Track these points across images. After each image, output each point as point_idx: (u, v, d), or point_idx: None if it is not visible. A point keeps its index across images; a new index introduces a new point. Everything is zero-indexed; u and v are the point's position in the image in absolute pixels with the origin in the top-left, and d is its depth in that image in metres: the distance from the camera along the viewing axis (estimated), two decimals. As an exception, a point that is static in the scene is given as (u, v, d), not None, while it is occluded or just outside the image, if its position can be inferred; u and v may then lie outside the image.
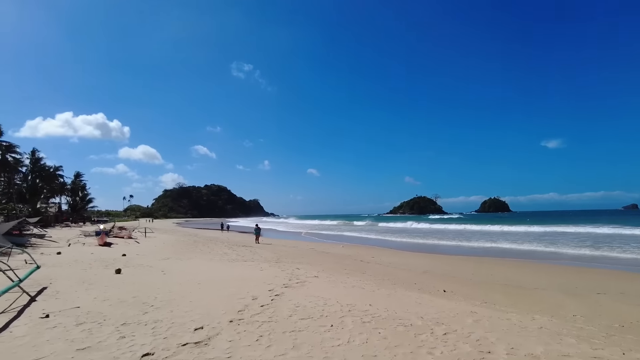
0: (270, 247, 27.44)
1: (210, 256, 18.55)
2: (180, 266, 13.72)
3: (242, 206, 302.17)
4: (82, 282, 9.54)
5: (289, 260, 18.40)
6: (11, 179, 70.80)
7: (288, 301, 7.64)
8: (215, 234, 44.43)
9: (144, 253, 18.60)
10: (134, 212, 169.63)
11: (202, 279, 10.36)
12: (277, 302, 7.58)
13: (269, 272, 12.74)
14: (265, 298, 7.89)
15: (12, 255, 14.01)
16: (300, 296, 8.18)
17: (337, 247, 29.85)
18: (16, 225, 24.84)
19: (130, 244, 24.84)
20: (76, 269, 12.27)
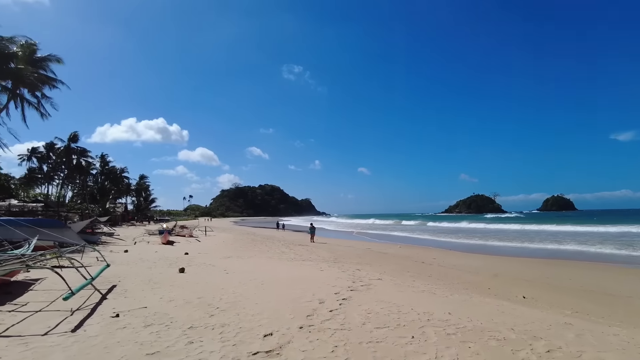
0: (326, 246, 27.07)
1: (269, 255, 18.46)
2: (241, 265, 13.64)
3: (294, 205, 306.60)
4: (148, 281, 9.60)
5: (347, 260, 17.87)
6: (85, 181, 76.47)
7: (358, 306, 7.09)
8: (271, 233, 44.94)
9: (205, 251, 18.89)
10: (194, 211, 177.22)
11: (264, 279, 10.09)
12: (346, 307, 7.06)
13: (329, 272, 12.28)
14: (332, 302, 7.40)
15: (85, 252, 14.66)
16: (370, 301, 7.60)
17: (393, 247, 28.88)
18: (89, 224, 26.40)
19: (191, 242, 25.53)
20: (142, 267, 12.52)
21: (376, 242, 34.65)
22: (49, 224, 12.92)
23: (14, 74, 24.48)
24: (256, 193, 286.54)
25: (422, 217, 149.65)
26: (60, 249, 9.64)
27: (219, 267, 12.63)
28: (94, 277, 7.87)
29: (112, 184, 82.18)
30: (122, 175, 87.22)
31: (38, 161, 70.76)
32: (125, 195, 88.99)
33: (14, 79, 27.08)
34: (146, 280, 9.71)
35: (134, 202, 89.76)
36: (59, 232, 12.77)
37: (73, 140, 69.04)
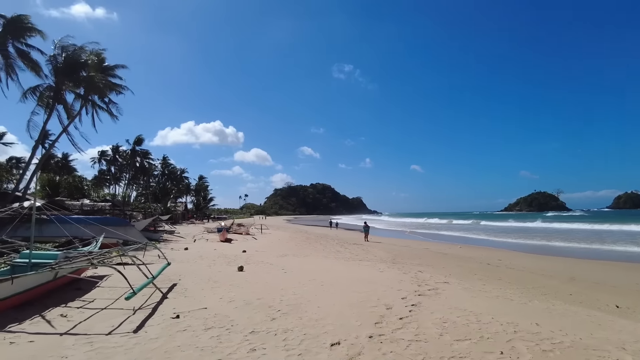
0: (381, 245, 26.27)
1: (325, 254, 18.09)
2: (298, 264, 13.35)
3: (345, 204, 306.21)
4: (208, 280, 9.51)
5: (406, 261, 17.08)
6: (148, 182, 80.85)
7: (430, 314, 6.43)
8: (324, 231, 44.74)
9: (262, 249, 18.91)
10: (249, 210, 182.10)
11: (323, 279, 9.66)
12: (417, 314, 6.42)
13: (390, 274, 11.64)
14: (401, 308, 6.79)
15: (147, 249, 15.11)
16: (443, 308, 6.90)
17: (453, 247, 27.44)
18: (151, 222, 27.53)
19: (248, 240, 25.83)
20: (201, 265, 12.59)
21: (432, 241, 33.23)
22: (114, 222, 13.44)
23: (86, 81, 26.08)
24: (308, 192, 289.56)
25: (478, 215, 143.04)
26: (124, 247, 9.81)
27: (277, 266, 12.41)
28: (155, 275, 7.85)
29: (173, 184, 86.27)
30: (183, 175, 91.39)
31: (107, 163, 76.00)
32: (185, 195, 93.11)
33: (86, 86, 28.89)
34: (206, 279, 9.64)
35: (194, 201, 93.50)
36: (123, 230, 13.20)
37: (138, 144, 73.36)
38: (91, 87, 29.26)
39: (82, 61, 25.75)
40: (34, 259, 7.43)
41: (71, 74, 25.05)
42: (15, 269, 7.21)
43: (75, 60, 25.58)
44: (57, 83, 25.01)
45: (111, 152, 74.92)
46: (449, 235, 40.84)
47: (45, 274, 6.62)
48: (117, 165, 75.28)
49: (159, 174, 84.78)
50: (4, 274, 6.94)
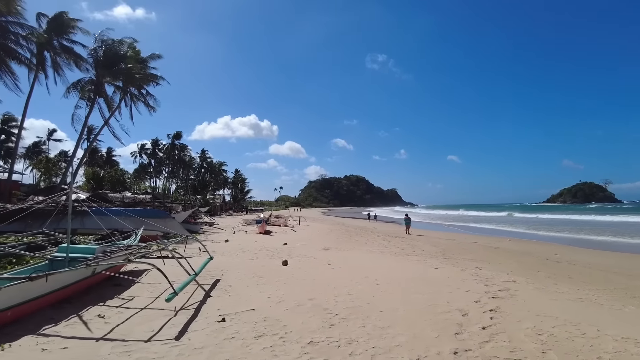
0: (424, 239, 25.02)
1: (368, 247, 17.18)
2: (344, 258, 12.52)
3: (380, 196, 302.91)
4: (252, 275, 8.85)
5: (457, 256, 15.90)
6: (187, 175, 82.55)
7: (517, 322, 5.42)
8: (362, 224, 43.73)
9: (303, 242, 18.24)
10: (284, 202, 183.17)
11: (377, 277, 8.76)
12: (501, 322, 5.42)
13: (447, 271, 10.62)
14: (478, 314, 5.81)
15: (188, 242, 14.77)
16: (528, 314, 5.86)
17: (502, 241, 25.68)
18: (191, 214, 27.54)
19: (287, 232, 25.30)
20: (244, 258, 12.01)
21: (477, 234, 31.45)
22: (154, 214, 13.09)
23: (125, 73, 26.29)
24: (342, 184, 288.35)
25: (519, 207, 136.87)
26: (164, 241, 9.32)
27: (322, 260, 11.62)
28: (198, 272, 7.23)
29: (211, 176, 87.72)
30: (221, 169, 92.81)
31: (147, 157, 78.11)
32: (223, 187, 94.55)
33: (125, 78, 29.18)
34: (250, 274, 8.98)
35: (231, 194, 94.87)
36: (163, 222, 12.82)
37: (176, 138, 74.85)
38: (129, 79, 29.53)
39: (120, 54, 25.91)
40: (72, 253, 6.98)
41: (111, 66, 25.27)
42: (54, 263, 6.78)
43: (114, 53, 25.79)
44: (97, 76, 25.33)
45: (151, 145, 76.99)
46: (491, 229, 38.59)
47: (82, 271, 6.10)
48: (157, 158, 77.25)
49: (198, 167, 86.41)
50: (42, 269, 6.51)
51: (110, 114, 29.54)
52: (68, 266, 6.55)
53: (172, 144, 74.01)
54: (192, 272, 7.13)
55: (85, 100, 25.77)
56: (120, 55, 25.89)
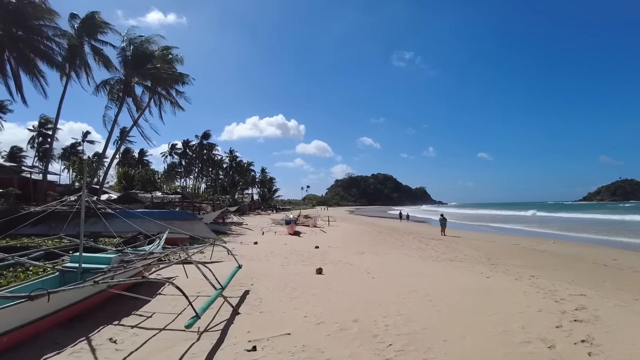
0: (462, 240, 23.55)
1: (406, 251, 16.03)
2: (382, 265, 11.46)
3: (408, 194, 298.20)
4: (285, 286, 7.93)
5: (504, 261, 14.56)
6: (217, 174, 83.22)
7: (619, 357, 4.25)
8: (393, 224, 42.32)
9: (335, 244, 17.26)
10: (311, 200, 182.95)
11: (426, 290, 7.66)
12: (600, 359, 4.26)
13: (501, 282, 9.42)
14: (568, 347, 4.64)
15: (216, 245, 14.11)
16: (634, 349, 4.65)
17: (545, 243, 23.78)
18: (220, 214, 27.11)
19: (317, 233, 24.41)
20: (274, 264, 11.14)
21: (515, 235, 29.45)
22: (180, 216, 12.44)
23: (153, 73, 26.10)
24: (369, 182, 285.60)
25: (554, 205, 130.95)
26: (187, 247, 8.55)
27: (359, 268, 10.59)
28: (224, 285, 6.34)
29: (240, 176, 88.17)
30: (249, 168, 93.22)
31: (178, 157, 79.15)
32: (251, 187, 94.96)
33: (154, 78, 29.05)
34: (282, 284, 8.07)
35: (259, 193, 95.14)
36: (190, 225, 12.16)
37: (205, 137, 75.48)
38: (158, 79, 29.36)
39: (148, 53, 25.71)
40: (86, 263, 6.25)
41: (139, 66, 25.10)
42: (65, 275, 6.06)
43: (142, 52, 25.61)
44: (126, 76, 25.20)
45: (182, 146, 77.97)
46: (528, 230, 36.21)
47: (90, 287, 5.31)
48: (187, 158, 78.18)
49: (227, 166, 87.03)
50: (50, 283, 5.81)
51: (139, 114, 29.51)
52: (81, 278, 5.83)
53: (201, 144, 74.61)
54: (217, 285, 6.27)
55: (114, 100, 25.72)
56: (148, 54, 25.69)
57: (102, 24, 27.24)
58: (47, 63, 24.92)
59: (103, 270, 5.98)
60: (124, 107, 25.86)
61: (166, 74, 27.52)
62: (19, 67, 22.94)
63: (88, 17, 27.06)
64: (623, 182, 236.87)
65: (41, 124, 60.20)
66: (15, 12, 22.21)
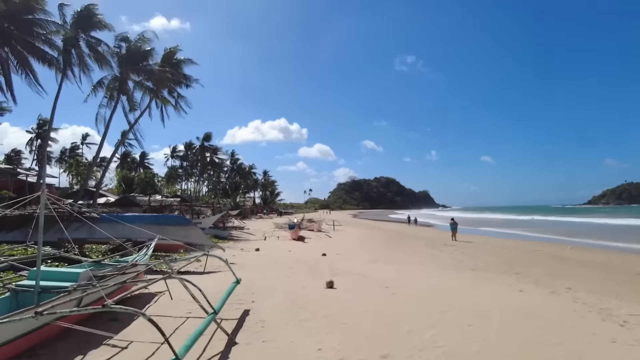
0: (477, 246, 22.25)
1: (420, 259, 14.79)
2: (399, 276, 10.23)
3: (411, 197, 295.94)
4: (291, 304, 6.70)
5: (528, 270, 13.34)
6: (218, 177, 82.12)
7: None
8: (400, 228, 41.03)
9: (343, 252, 16.01)
10: (313, 204, 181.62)
11: (460, 310, 6.43)
12: None
13: (539, 298, 8.25)
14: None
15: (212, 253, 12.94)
16: None
17: (563, 248, 22.40)
18: (220, 218, 25.92)
19: (322, 238, 23.16)
20: (278, 274, 9.91)
21: (527, 240, 27.95)
22: (173, 221, 11.21)
23: (151, 71, 24.95)
24: (371, 186, 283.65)
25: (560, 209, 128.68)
26: (176, 258, 7.35)
27: (374, 280, 9.35)
28: (217, 309, 5.08)
29: (242, 178, 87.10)
30: (251, 171, 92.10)
31: (180, 160, 78.13)
32: (253, 190, 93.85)
33: (154, 77, 27.94)
34: (287, 302, 6.85)
35: (261, 196, 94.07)
36: (184, 231, 10.96)
37: (206, 139, 74.39)
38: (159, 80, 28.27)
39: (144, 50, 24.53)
40: (46, 280, 5.04)
41: (135, 63, 23.94)
42: (19, 296, 4.86)
43: (138, 49, 24.43)
44: (121, 73, 24.05)
45: (184, 148, 76.89)
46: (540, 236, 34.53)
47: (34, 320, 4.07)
48: (189, 161, 77.11)
49: (228, 169, 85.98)
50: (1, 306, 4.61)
51: (140, 114, 28.37)
52: (39, 300, 4.62)
53: (202, 146, 73.59)
54: (210, 307, 5.04)
55: (108, 98, 24.50)
56: (143, 51, 24.51)
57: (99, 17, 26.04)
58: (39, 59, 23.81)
59: (67, 290, 4.78)
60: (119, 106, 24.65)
61: (167, 75, 26.40)
62: (9, 62, 21.78)
63: (84, 9, 25.83)
64: (629, 185, 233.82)
65: (40, 126, 59.20)
66: (6, 4, 21.12)
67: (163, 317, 5.69)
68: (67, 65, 24.66)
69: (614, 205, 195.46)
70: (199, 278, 7.85)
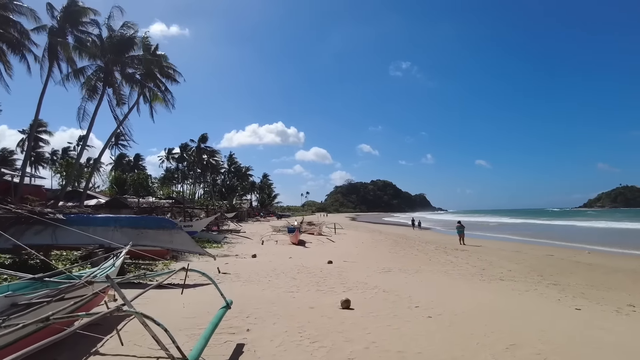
0: (488, 250, 20.67)
1: (439, 267, 13.13)
2: (424, 290, 8.56)
3: (407, 201, 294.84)
4: (299, 335, 5.00)
5: (565, 279, 11.87)
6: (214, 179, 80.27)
7: None
8: (403, 231, 39.37)
9: (351, 258, 14.29)
10: (310, 207, 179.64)
11: (532, 344, 4.76)
12: None
13: (604, 316, 6.70)
14: None
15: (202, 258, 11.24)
16: None
17: (581, 254, 20.81)
18: (214, 220, 24.21)
19: (324, 243, 21.44)
20: (279, 289, 8.19)
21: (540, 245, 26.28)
22: (155, 223, 9.43)
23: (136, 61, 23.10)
24: (368, 189, 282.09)
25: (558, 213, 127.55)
26: (146, 273, 5.65)
27: (397, 296, 7.65)
28: (199, 350, 3.40)
29: (238, 180, 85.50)
30: (248, 173, 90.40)
31: (175, 162, 76.34)
32: (250, 192, 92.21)
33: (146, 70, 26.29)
34: (294, 330, 5.18)
35: (259, 199, 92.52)
36: (168, 235, 9.23)
37: (202, 141, 72.70)
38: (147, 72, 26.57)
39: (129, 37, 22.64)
40: None
41: (120, 52, 22.11)
42: None
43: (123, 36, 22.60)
44: (107, 63, 22.23)
45: (179, 150, 75.04)
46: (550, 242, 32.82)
47: None
48: (185, 163, 75.30)
49: (225, 171, 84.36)
50: None
51: (129, 109, 26.61)
52: None
53: (199, 147, 71.89)
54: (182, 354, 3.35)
55: (90, 90, 22.52)
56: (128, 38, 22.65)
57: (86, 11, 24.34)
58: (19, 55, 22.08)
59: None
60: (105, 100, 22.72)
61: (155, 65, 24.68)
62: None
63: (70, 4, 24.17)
64: (623, 188, 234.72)
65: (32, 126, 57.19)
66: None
67: (139, 346, 4.04)
68: (54, 60, 22.79)
69: (609, 208, 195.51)
70: (175, 297, 6.16)
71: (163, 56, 28.71)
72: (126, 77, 24.09)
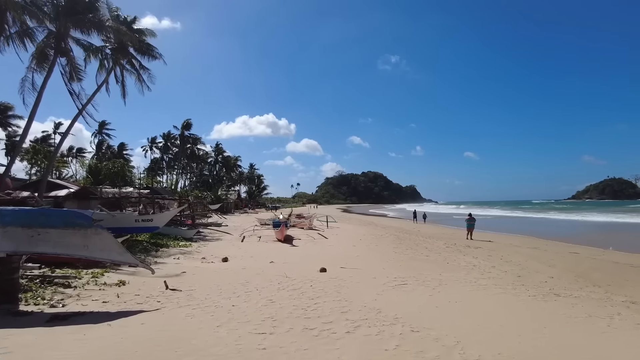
0: (501, 247, 17.90)
1: (465, 275, 10.12)
2: (468, 322, 5.56)
3: (398, 192, 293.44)
4: None
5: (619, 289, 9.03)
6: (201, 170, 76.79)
7: None
8: (401, 224, 36.44)
9: (350, 262, 11.10)
10: (301, 198, 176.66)
11: None
12: None
13: None
14: None
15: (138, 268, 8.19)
16: None
17: (605, 252, 18.05)
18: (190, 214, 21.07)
19: (315, 239, 18.36)
20: (243, 327, 5.11)
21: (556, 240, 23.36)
22: (58, 220, 6.22)
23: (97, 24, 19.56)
24: (359, 180, 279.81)
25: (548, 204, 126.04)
26: None
27: (436, 340, 4.66)
28: None
29: (226, 170, 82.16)
30: (237, 164, 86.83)
31: (160, 151, 72.54)
32: (239, 184, 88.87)
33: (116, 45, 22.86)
34: None
35: (247, 190, 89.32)
36: (80, 237, 6.10)
37: (186, 128, 69.00)
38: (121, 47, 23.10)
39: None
40: None
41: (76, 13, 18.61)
42: None
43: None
44: (59, 27, 18.69)
45: (163, 139, 71.19)
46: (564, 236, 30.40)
47: None
48: (170, 153, 71.58)
49: (213, 161, 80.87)
50: None
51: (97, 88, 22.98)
52: None
53: (182, 135, 68.24)
54: None
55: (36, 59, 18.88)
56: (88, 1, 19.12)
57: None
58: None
59: None
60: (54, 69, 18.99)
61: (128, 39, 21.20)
62: None
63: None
64: (611, 180, 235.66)
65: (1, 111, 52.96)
66: None
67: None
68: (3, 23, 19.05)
69: (597, 199, 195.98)
70: None
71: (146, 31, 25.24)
72: (87, 48, 20.61)
